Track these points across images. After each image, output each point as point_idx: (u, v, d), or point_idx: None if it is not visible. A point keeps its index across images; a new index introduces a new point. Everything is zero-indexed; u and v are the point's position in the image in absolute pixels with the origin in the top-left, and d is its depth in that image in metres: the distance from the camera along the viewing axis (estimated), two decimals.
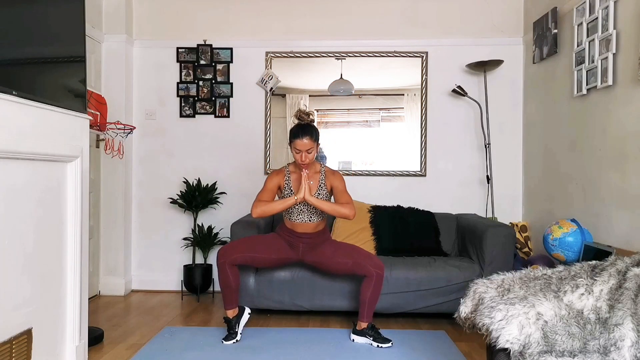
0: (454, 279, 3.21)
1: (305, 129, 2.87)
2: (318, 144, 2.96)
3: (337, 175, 3.02)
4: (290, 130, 2.93)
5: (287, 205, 2.90)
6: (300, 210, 2.99)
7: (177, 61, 4.20)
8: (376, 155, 4.16)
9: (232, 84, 4.18)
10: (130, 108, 4.14)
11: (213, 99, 4.18)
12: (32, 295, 2.07)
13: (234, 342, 2.89)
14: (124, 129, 3.37)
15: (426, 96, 4.11)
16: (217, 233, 4.05)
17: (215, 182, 4.11)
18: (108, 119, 3.39)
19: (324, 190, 2.99)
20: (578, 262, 2.23)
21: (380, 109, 4.17)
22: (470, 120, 4.11)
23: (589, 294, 1.80)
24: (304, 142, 2.84)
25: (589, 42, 3.00)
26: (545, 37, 3.57)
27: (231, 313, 2.98)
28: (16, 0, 1.98)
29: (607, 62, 2.80)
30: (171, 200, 4.05)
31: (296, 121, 2.97)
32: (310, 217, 3.00)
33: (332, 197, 3.04)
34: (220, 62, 4.18)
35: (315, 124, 2.98)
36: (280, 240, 3.07)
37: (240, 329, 2.95)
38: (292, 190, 2.98)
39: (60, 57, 2.31)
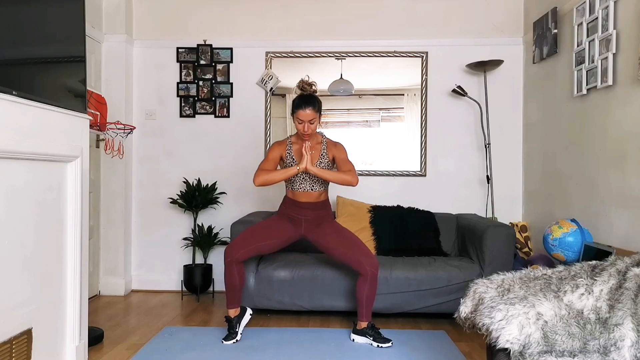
0: (454, 279, 3.21)
1: (308, 99, 2.87)
2: (321, 115, 2.97)
3: (339, 146, 3.03)
4: (293, 101, 2.93)
5: (289, 175, 2.89)
6: (303, 178, 2.99)
7: (177, 61, 4.20)
8: (376, 155, 4.16)
9: (232, 84, 4.18)
10: (130, 108, 4.14)
11: (213, 99, 4.18)
12: (32, 295, 2.07)
13: (234, 342, 2.89)
14: (124, 129, 3.37)
15: (426, 96, 4.11)
16: (217, 233, 4.05)
17: (215, 182, 4.11)
18: (108, 119, 3.39)
19: (325, 160, 2.98)
20: (578, 262, 2.23)
21: (380, 109, 4.16)
22: (470, 120, 4.11)
23: (589, 294, 1.80)
24: (307, 112, 2.85)
25: (589, 42, 3.00)
26: (545, 37, 3.57)
27: (233, 312, 2.98)
28: (16, 0, 1.98)
29: (607, 62, 2.80)
30: (171, 200, 4.05)
31: (299, 92, 2.96)
32: (313, 186, 3.00)
33: (335, 167, 3.04)
34: (220, 62, 4.18)
35: (317, 92, 2.97)
36: (281, 221, 3.07)
37: (240, 329, 2.95)
38: (294, 160, 2.98)
39: (60, 57, 2.31)
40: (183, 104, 4.19)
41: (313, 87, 2.95)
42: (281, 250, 3.19)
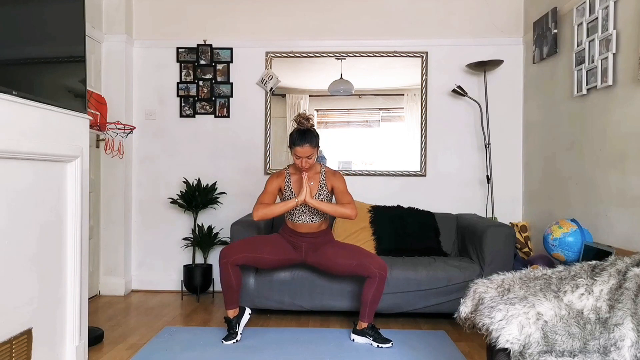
0: (454, 279, 3.21)
1: (305, 135, 2.86)
2: (318, 148, 2.96)
3: (338, 176, 3.03)
4: (290, 135, 2.93)
5: (288, 208, 2.90)
6: (302, 211, 2.99)
7: (177, 61, 4.20)
8: (376, 155, 4.16)
9: (232, 84, 4.18)
10: (130, 108, 4.14)
11: (213, 99, 4.18)
12: (32, 295, 2.07)
13: (234, 342, 2.89)
14: (124, 129, 3.37)
15: (426, 96, 4.11)
16: (217, 233, 4.05)
17: (215, 182, 4.11)
18: (108, 119, 3.39)
19: (324, 191, 2.99)
20: (578, 262, 2.23)
21: (380, 109, 4.16)
22: (470, 120, 4.11)
23: (589, 294, 1.80)
24: (304, 149, 2.85)
25: (589, 42, 3.00)
26: (545, 37, 3.57)
27: (232, 313, 2.98)
28: (16, 0, 1.98)
29: (607, 62, 2.80)
30: (171, 200, 4.05)
31: (295, 125, 2.96)
32: (312, 218, 3.00)
33: (334, 197, 3.04)
34: (220, 62, 4.18)
35: (315, 126, 2.98)
36: (283, 241, 3.07)
37: (240, 329, 2.95)
38: (292, 192, 2.98)
39: (60, 57, 2.31)
40: (183, 104, 4.19)
41: (310, 122, 2.94)
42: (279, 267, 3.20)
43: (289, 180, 3.01)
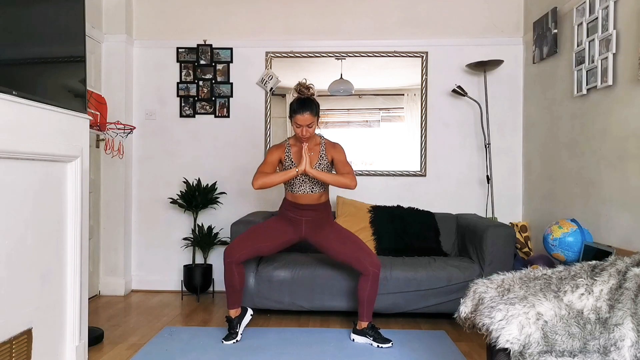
0: (454, 279, 3.21)
1: (305, 103, 2.86)
2: (319, 117, 2.96)
3: (338, 147, 3.02)
4: (291, 104, 2.92)
5: (288, 177, 2.89)
6: (302, 181, 2.98)
7: (177, 61, 4.20)
8: (376, 155, 4.16)
9: (232, 84, 4.18)
10: (130, 108, 4.14)
11: (213, 99, 4.18)
12: (32, 295, 2.07)
13: (234, 342, 2.89)
14: (124, 129, 3.37)
15: (426, 96, 4.11)
16: (217, 233, 4.05)
17: (215, 182, 4.11)
18: (108, 119, 3.39)
19: (324, 161, 2.98)
20: (578, 262, 2.23)
21: (380, 109, 4.16)
22: (470, 120, 4.11)
23: (589, 294, 1.80)
24: (305, 117, 2.84)
25: (589, 42, 3.00)
26: (545, 37, 3.57)
27: (234, 313, 2.98)
28: (16, 0, 1.98)
29: (607, 62, 2.81)
30: (171, 200, 4.05)
31: (296, 95, 2.95)
32: (312, 188, 2.99)
33: (333, 168, 3.04)
34: (220, 62, 4.18)
35: (315, 95, 2.97)
36: (282, 223, 3.06)
37: (241, 329, 2.95)
38: (293, 163, 2.97)
39: (60, 57, 2.31)
40: (183, 104, 4.20)
41: (311, 90, 2.94)
42: (281, 251, 3.19)
43: (289, 151, 3.01)
